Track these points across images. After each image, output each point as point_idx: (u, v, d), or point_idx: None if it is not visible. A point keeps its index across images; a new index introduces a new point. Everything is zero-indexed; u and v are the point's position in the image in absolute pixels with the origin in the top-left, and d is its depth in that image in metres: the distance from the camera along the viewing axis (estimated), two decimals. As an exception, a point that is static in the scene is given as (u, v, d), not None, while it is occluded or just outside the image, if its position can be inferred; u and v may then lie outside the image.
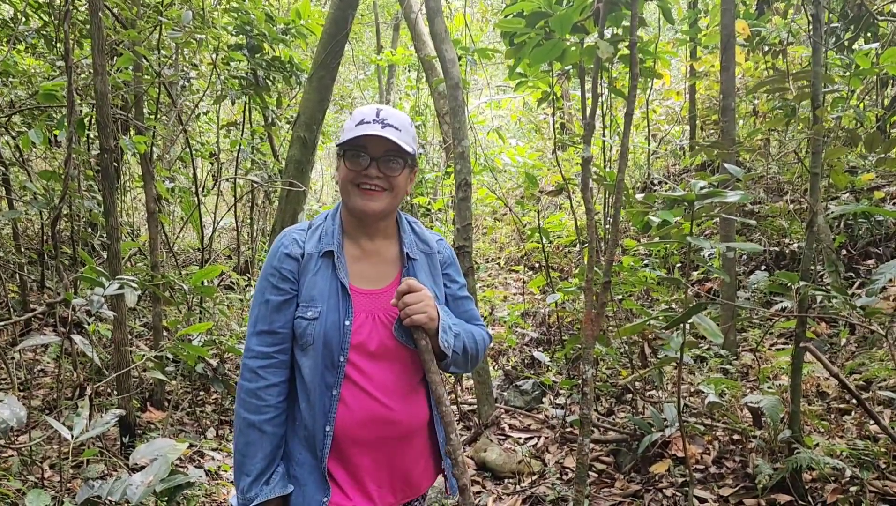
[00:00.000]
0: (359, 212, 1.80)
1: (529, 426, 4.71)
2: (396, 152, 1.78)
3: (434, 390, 1.68)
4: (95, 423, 3.03)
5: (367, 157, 1.76)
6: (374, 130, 1.73)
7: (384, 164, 1.77)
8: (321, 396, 1.76)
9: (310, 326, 1.76)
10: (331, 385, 1.76)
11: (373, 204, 1.78)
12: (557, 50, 2.89)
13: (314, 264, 1.80)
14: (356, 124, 1.76)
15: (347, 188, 1.79)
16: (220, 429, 4.90)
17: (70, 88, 3.71)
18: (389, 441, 1.81)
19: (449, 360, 1.82)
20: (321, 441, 1.77)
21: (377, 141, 1.75)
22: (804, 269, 3.14)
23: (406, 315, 1.72)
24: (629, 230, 7.65)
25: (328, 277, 1.79)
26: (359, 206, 1.78)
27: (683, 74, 9.08)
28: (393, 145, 1.76)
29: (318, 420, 1.77)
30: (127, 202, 7.96)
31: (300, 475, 1.81)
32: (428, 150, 10.85)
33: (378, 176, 1.77)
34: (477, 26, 11.27)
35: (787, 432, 3.27)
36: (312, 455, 1.80)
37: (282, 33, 6.60)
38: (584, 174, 2.64)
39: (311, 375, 1.77)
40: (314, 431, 1.78)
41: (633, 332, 3.29)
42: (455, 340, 1.82)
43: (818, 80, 3.10)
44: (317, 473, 1.79)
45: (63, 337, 3.67)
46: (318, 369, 1.76)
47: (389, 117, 1.78)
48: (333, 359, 1.75)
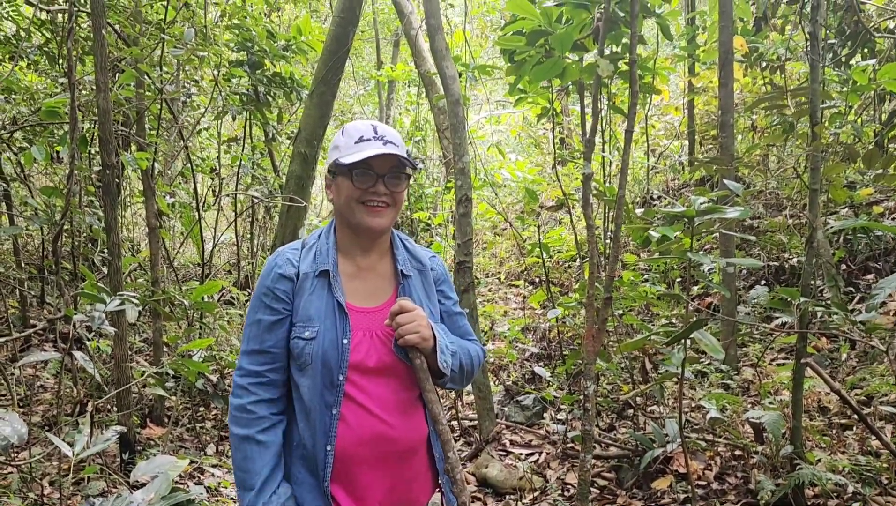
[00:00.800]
0: (365, 229, 1.81)
1: (531, 442, 4.70)
2: (400, 168, 1.80)
3: (430, 409, 1.68)
4: (96, 440, 3.03)
5: (374, 174, 1.77)
6: (379, 149, 1.74)
7: (390, 180, 1.79)
8: (321, 415, 1.76)
9: (307, 346, 1.76)
10: (330, 404, 1.76)
11: (379, 220, 1.80)
12: (558, 68, 2.92)
13: (310, 284, 1.80)
14: (356, 142, 1.77)
15: (352, 206, 1.79)
16: (221, 445, 4.89)
17: (73, 105, 3.73)
18: (390, 458, 1.80)
19: (446, 378, 1.83)
20: (322, 461, 1.76)
21: (383, 158, 1.76)
22: (804, 284, 3.15)
23: (399, 335, 1.73)
24: (629, 245, 7.66)
25: (325, 297, 1.79)
26: (365, 223, 1.79)
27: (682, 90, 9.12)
28: (397, 162, 1.78)
29: (318, 440, 1.76)
30: (127, 217, 7.98)
31: (300, 495, 1.80)
32: (428, 165, 10.88)
33: (385, 193, 1.78)
34: (476, 42, 11.34)
35: (788, 448, 3.27)
36: (312, 475, 1.79)
37: (283, 50, 6.64)
38: (584, 191, 2.66)
39: (310, 395, 1.77)
40: (314, 451, 1.77)
41: (633, 348, 3.29)
42: (452, 358, 1.82)
43: (816, 97, 3.12)
44: (317, 492, 1.78)
45: (64, 353, 3.67)
46: (316, 389, 1.76)
47: (387, 134, 1.80)
48: (332, 378, 1.75)
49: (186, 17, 5.64)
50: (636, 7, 2.66)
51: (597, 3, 2.89)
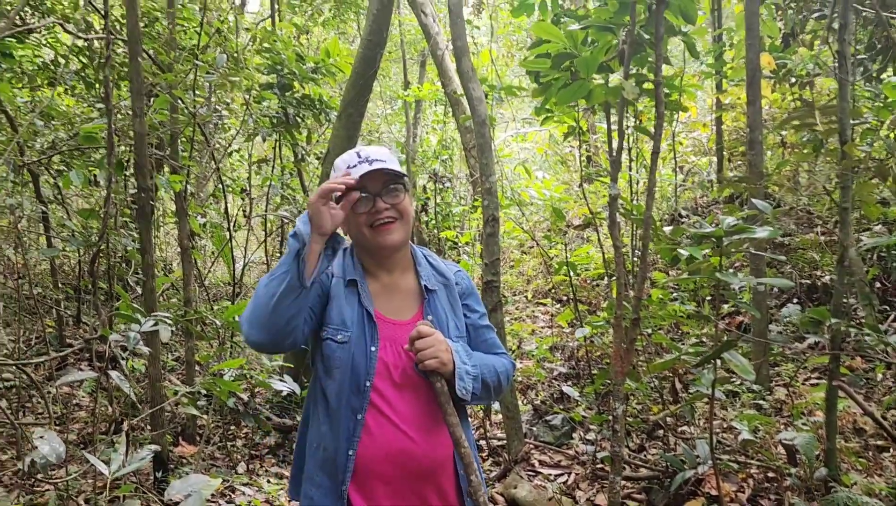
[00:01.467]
0: (379, 248, 1.86)
1: (559, 462, 4.67)
2: (393, 180, 1.83)
3: (452, 433, 1.69)
4: (132, 458, 3.09)
5: (369, 195, 1.81)
6: (365, 170, 1.78)
7: (387, 194, 1.82)
8: (346, 419, 1.79)
9: (339, 350, 1.80)
10: (356, 409, 1.79)
11: (391, 237, 1.84)
12: (584, 90, 2.94)
13: (342, 289, 1.86)
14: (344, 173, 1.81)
15: (362, 231, 1.84)
16: (251, 464, 4.93)
17: (110, 131, 3.84)
18: (411, 475, 1.81)
19: (466, 402, 1.84)
20: (343, 464, 1.79)
21: (372, 177, 1.80)
22: (836, 304, 3.11)
23: (419, 360, 1.75)
24: (657, 262, 7.62)
25: (355, 305, 1.84)
26: (378, 242, 1.84)
27: (709, 106, 9.08)
28: (387, 176, 1.82)
29: (341, 444, 1.79)
30: (160, 237, 8.14)
31: (317, 497, 1.82)
32: (455, 183, 10.93)
33: (386, 208, 1.82)
34: (502, 61, 11.41)
35: (823, 470, 3.21)
36: (331, 478, 1.81)
37: (311, 72, 6.76)
38: (611, 211, 2.67)
39: (337, 399, 1.80)
40: (336, 453, 1.80)
41: (663, 368, 3.27)
42: (473, 382, 1.83)
43: (845, 115, 3.10)
44: (334, 496, 1.80)
45: (100, 373, 3.75)
46: (343, 393, 1.79)
47: (372, 154, 1.83)
48: (359, 383, 1.79)
49: (219, 42, 5.77)
50: (661, 29, 2.68)
51: (622, 25, 2.92)
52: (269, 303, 1.67)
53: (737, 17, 6.97)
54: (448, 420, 1.68)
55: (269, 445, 5.27)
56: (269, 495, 4.49)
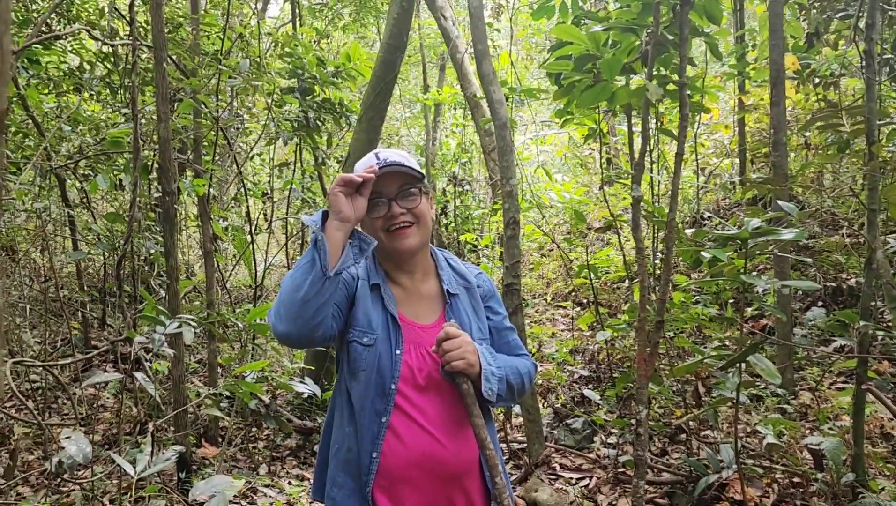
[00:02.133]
0: (396, 253, 1.85)
1: (581, 466, 4.64)
2: (409, 182, 1.82)
3: (477, 434, 1.69)
4: (156, 459, 3.12)
5: (385, 199, 1.80)
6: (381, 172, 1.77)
7: (402, 198, 1.81)
8: (370, 422, 1.79)
9: (365, 352, 1.80)
10: (380, 412, 1.79)
11: (407, 242, 1.83)
12: (607, 92, 2.93)
13: (367, 292, 1.86)
14: None
15: (380, 236, 1.83)
16: (272, 465, 4.96)
17: (136, 136, 3.89)
18: (439, 478, 1.81)
19: (493, 403, 1.84)
20: (367, 467, 1.79)
21: (388, 180, 1.79)
22: (864, 307, 3.07)
23: (446, 362, 1.75)
24: (679, 265, 7.56)
25: (379, 308, 1.84)
26: (394, 247, 1.83)
27: (732, 107, 9.01)
28: (403, 178, 1.81)
29: (364, 446, 1.79)
30: (182, 241, 8.22)
31: (339, 499, 1.83)
32: (474, 186, 10.93)
33: (402, 212, 1.81)
34: (522, 64, 11.40)
35: (850, 476, 3.17)
36: (354, 479, 1.82)
37: (332, 76, 6.79)
38: (634, 214, 2.65)
39: (361, 402, 1.80)
40: (360, 455, 1.80)
41: (686, 372, 3.25)
42: (499, 384, 1.82)
43: (872, 115, 3.06)
44: (357, 497, 1.81)
45: (125, 375, 3.80)
46: (368, 396, 1.79)
47: (390, 156, 1.82)
48: (385, 386, 1.79)
49: (241, 47, 5.82)
50: (685, 30, 2.67)
51: (645, 26, 2.91)
52: (294, 295, 1.65)
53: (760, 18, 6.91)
54: (473, 421, 1.68)
55: (291, 446, 5.29)
56: (291, 496, 4.52)
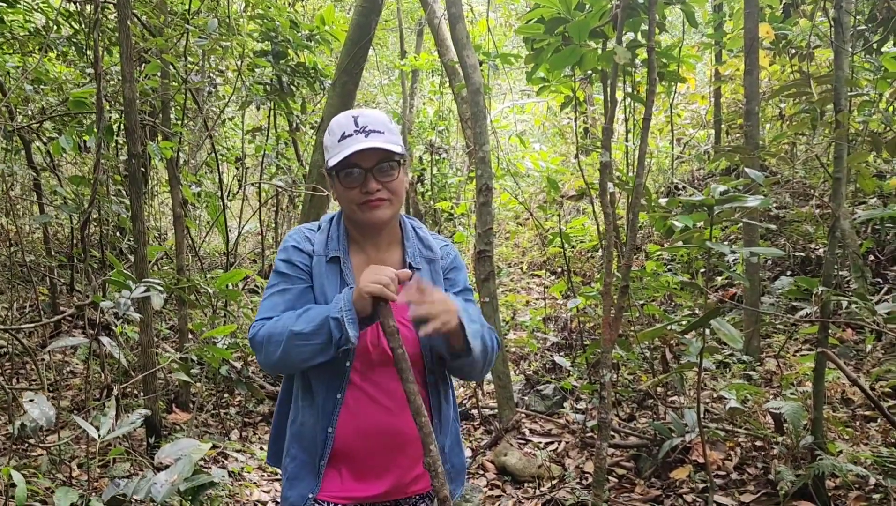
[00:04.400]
0: (367, 224, 1.79)
1: (550, 431, 4.71)
2: (388, 158, 1.73)
3: (412, 401, 1.60)
4: (122, 423, 3.10)
5: (361, 170, 1.71)
6: (360, 144, 1.68)
7: (379, 173, 1.72)
8: (325, 399, 1.78)
9: None
10: (335, 389, 1.77)
11: (379, 213, 1.75)
12: (575, 56, 2.90)
13: (323, 268, 1.81)
14: (339, 140, 1.71)
15: (351, 207, 1.76)
16: (244, 431, 4.97)
17: (99, 96, 3.80)
18: (394, 447, 1.81)
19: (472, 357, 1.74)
20: (321, 442, 1.78)
21: (366, 153, 1.69)
22: (826, 274, 3.11)
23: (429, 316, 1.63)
24: (653, 235, 7.61)
25: (336, 283, 1.79)
26: (366, 219, 1.76)
27: (709, 78, 9.01)
28: (383, 153, 1.71)
29: (319, 421, 1.78)
30: (154, 207, 8.11)
31: (291, 470, 1.83)
32: (451, 154, 10.88)
33: (378, 188, 1.72)
34: (500, 31, 11.29)
35: (809, 439, 3.24)
36: (307, 453, 1.82)
37: (306, 39, 6.68)
38: (602, 179, 2.65)
39: (317, 379, 1.78)
40: (314, 431, 1.79)
41: (651, 336, 3.28)
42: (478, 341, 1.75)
43: (840, 83, 3.07)
44: (308, 468, 1.81)
45: (91, 339, 3.76)
46: (323, 374, 1.77)
47: (370, 123, 1.72)
48: (339, 364, 1.76)
49: (210, 7, 5.69)
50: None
51: (616, -11, 2.88)
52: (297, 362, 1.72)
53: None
54: (407, 387, 1.62)
55: (263, 412, 5.30)
56: (262, 461, 4.53)
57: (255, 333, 1.75)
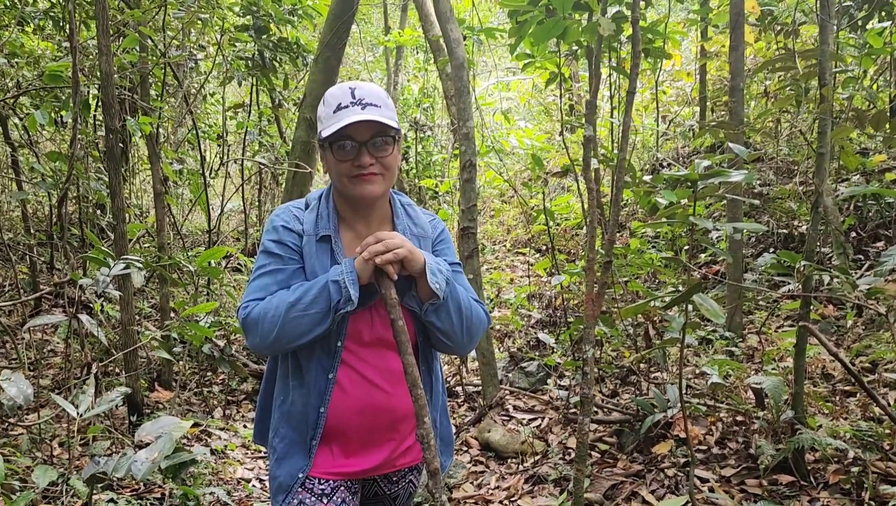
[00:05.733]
0: (358, 198, 1.76)
1: (534, 407, 4.72)
2: (383, 132, 1.70)
3: (409, 373, 1.61)
4: (101, 401, 3.07)
5: (355, 143, 1.69)
6: (356, 116, 1.65)
7: (373, 147, 1.70)
8: (317, 378, 1.76)
9: None
10: (327, 369, 1.76)
11: (371, 188, 1.72)
12: (559, 28, 2.87)
13: (313, 247, 1.78)
14: (334, 111, 1.68)
15: (342, 180, 1.73)
16: (227, 409, 4.95)
17: (75, 70, 3.72)
18: (386, 425, 1.81)
19: (439, 303, 1.72)
20: (313, 421, 1.77)
21: (362, 126, 1.67)
22: (808, 249, 3.12)
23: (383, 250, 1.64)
24: (637, 213, 7.62)
25: (327, 262, 1.77)
26: (357, 193, 1.73)
27: (694, 55, 8.98)
28: (379, 127, 1.69)
29: (311, 401, 1.76)
30: (136, 184, 8.00)
31: (280, 449, 1.81)
32: (436, 132, 10.81)
33: (371, 163, 1.69)
34: (486, 6, 11.17)
35: (789, 413, 3.26)
36: (297, 432, 1.80)
37: (288, 14, 6.58)
38: (585, 154, 2.63)
39: (307, 358, 1.76)
40: (305, 410, 1.77)
41: (634, 313, 3.28)
42: (447, 286, 1.73)
43: (825, 58, 3.06)
44: (298, 447, 1.80)
45: (70, 317, 3.71)
46: (314, 353, 1.75)
47: (367, 95, 1.69)
48: (330, 344, 1.75)
49: (190, -21, 5.57)
50: (641, -35, 2.60)
51: (601, -39, 2.83)
52: (294, 337, 1.69)
53: (723, -38, 6.83)
54: (405, 359, 1.58)
55: (246, 390, 5.29)
56: (245, 439, 4.52)
57: (248, 314, 1.71)
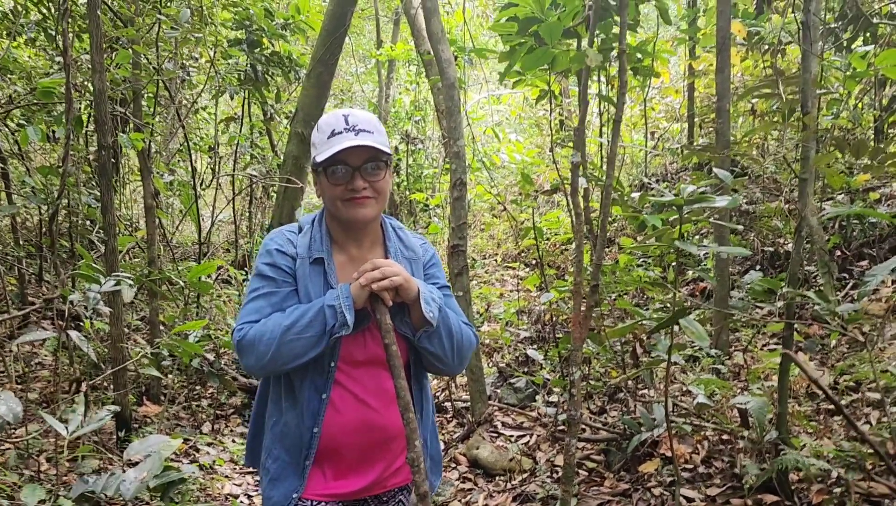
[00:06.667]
0: (351, 221, 1.79)
1: (522, 424, 4.75)
2: (376, 157, 1.75)
3: (402, 397, 1.64)
4: (91, 418, 3.08)
5: (349, 168, 1.73)
6: (349, 142, 1.70)
7: (366, 172, 1.74)
8: (310, 399, 1.78)
9: None
10: (320, 389, 1.78)
11: (363, 211, 1.76)
12: (547, 57, 2.91)
13: (306, 270, 1.81)
14: (328, 137, 1.73)
15: (336, 204, 1.77)
16: (216, 424, 4.95)
17: (68, 86, 3.74)
18: (377, 444, 1.83)
19: (432, 330, 1.77)
20: (307, 442, 1.79)
21: (355, 151, 1.72)
22: (792, 273, 3.17)
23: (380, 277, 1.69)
24: (626, 228, 7.68)
25: (321, 284, 1.80)
26: (350, 216, 1.77)
27: (683, 72, 9.08)
28: (371, 153, 1.74)
29: (304, 422, 1.78)
30: (126, 196, 7.99)
31: (273, 470, 1.83)
32: (427, 144, 10.86)
33: (364, 187, 1.74)
34: (477, 21, 11.26)
35: (774, 433, 3.30)
36: (290, 453, 1.82)
37: (281, 28, 6.62)
38: (573, 179, 2.67)
39: (300, 379, 1.78)
40: (298, 431, 1.79)
41: (622, 334, 3.32)
42: (440, 314, 1.78)
43: (808, 86, 3.12)
44: (291, 468, 1.82)
45: (60, 332, 3.71)
46: (307, 374, 1.78)
47: (360, 122, 1.74)
48: (324, 364, 1.77)
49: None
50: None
51: (590, -11, 2.89)
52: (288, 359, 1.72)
53: (711, -17, 6.93)
54: (398, 383, 1.62)
55: (235, 405, 5.28)
56: (234, 454, 4.52)
57: (243, 336, 1.74)
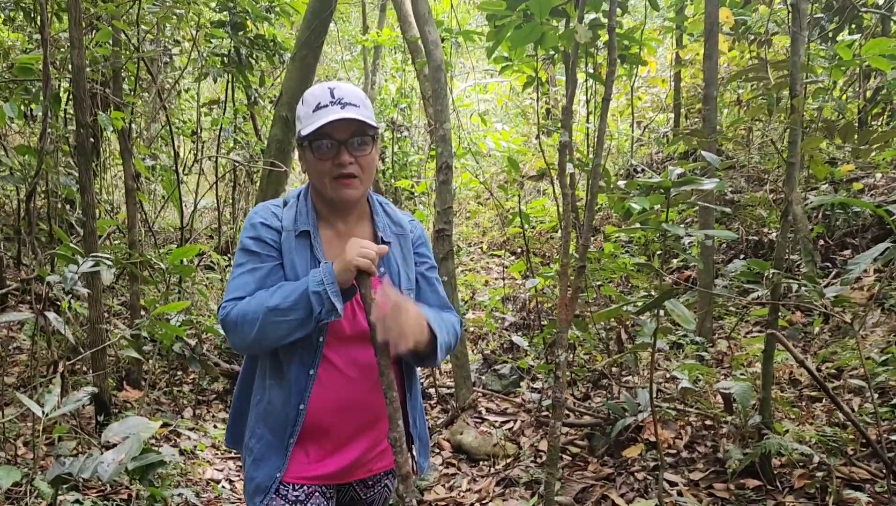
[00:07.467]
0: (336, 201, 1.77)
1: (506, 410, 4.74)
2: (362, 131, 1.71)
3: (385, 375, 1.61)
4: (68, 400, 3.02)
5: (335, 142, 1.69)
6: (335, 115, 1.66)
7: (353, 147, 1.70)
8: (297, 375, 1.75)
9: None
10: (308, 365, 1.75)
11: (349, 192, 1.74)
12: (536, 33, 2.88)
13: (292, 243, 1.77)
14: (313, 110, 1.69)
15: (323, 180, 1.73)
16: (197, 409, 4.90)
17: (45, 62, 3.65)
18: (364, 422, 1.81)
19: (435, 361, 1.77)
20: (292, 419, 1.76)
21: (341, 125, 1.68)
22: (777, 257, 3.17)
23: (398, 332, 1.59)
24: (612, 217, 7.68)
25: (307, 257, 1.77)
26: (336, 196, 1.74)
27: (669, 62, 9.08)
28: (358, 126, 1.70)
29: (290, 398, 1.75)
30: (107, 179, 7.88)
31: (257, 450, 1.80)
32: (413, 132, 10.80)
33: (350, 162, 1.70)
34: (464, 8, 11.20)
35: (757, 418, 3.31)
36: (273, 432, 1.79)
37: (266, 11, 6.53)
38: (560, 159, 2.65)
39: (288, 356, 1.75)
40: (284, 409, 1.76)
41: (607, 317, 3.31)
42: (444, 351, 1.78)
43: (796, 69, 3.11)
44: (275, 448, 1.79)
45: (37, 314, 3.64)
46: (295, 350, 1.74)
47: (346, 95, 1.70)
48: (312, 339, 1.74)
49: (165, -26, 5.50)
50: (618, -27, 2.63)
51: (579, -32, 2.85)
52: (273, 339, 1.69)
53: (699, -29, 6.91)
54: (381, 361, 1.62)
55: (217, 390, 5.23)
56: (216, 439, 4.48)
57: (227, 314, 1.71)
